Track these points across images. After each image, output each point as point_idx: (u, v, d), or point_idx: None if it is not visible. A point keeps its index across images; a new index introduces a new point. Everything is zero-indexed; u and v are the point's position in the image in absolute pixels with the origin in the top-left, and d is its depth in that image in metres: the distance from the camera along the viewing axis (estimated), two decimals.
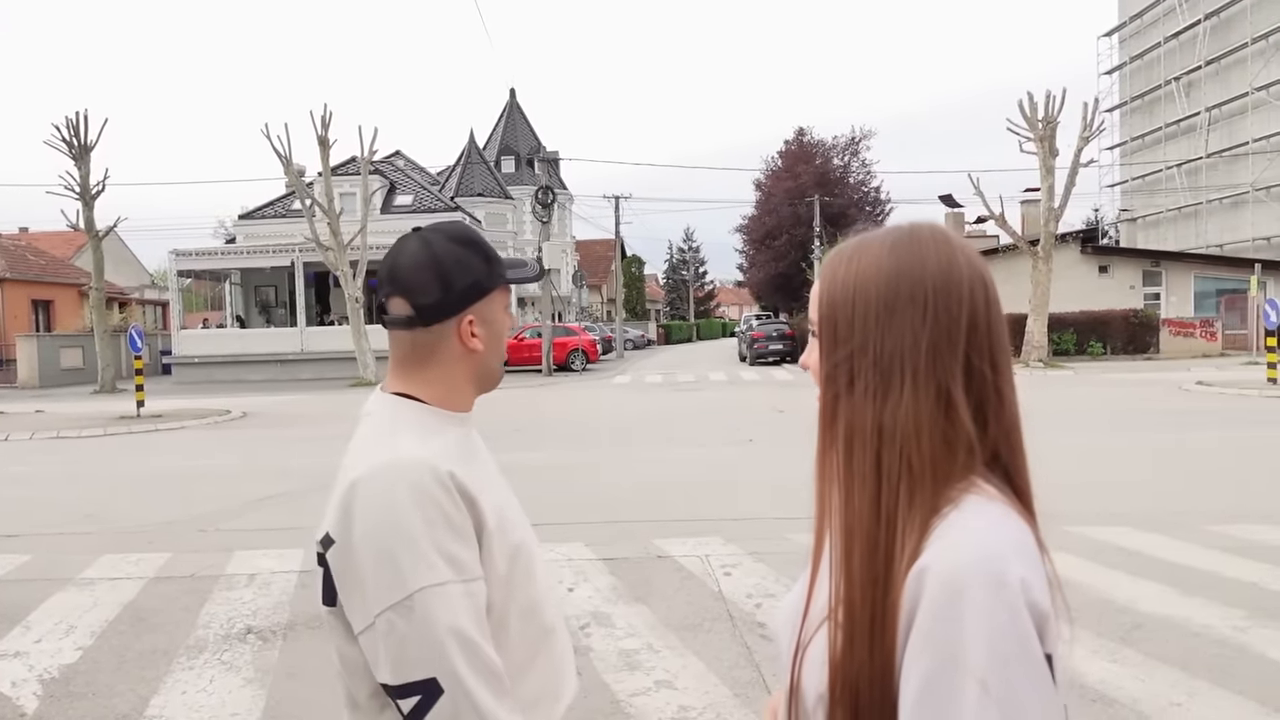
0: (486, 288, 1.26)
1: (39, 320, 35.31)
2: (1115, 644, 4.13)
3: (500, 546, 1.18)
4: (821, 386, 0.92)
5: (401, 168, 41.04)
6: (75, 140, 24.83)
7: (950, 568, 0.79)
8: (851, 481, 0.88)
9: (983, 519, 0.82)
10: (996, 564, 0.78)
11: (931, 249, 0.88)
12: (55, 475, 10.54)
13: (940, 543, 0.81)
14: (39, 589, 5.51)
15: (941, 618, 0.77)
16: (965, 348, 0.86)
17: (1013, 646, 0.76)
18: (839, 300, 0.90)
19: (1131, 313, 29.61)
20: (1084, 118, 26.34)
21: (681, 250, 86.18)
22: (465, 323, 1.24)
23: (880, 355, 0.86)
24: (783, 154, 48.52)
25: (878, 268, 0.88)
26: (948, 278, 0.87)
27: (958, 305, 0.86)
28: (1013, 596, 0.77)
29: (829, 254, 0.96)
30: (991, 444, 0.87)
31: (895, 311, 0.86)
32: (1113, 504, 7.25)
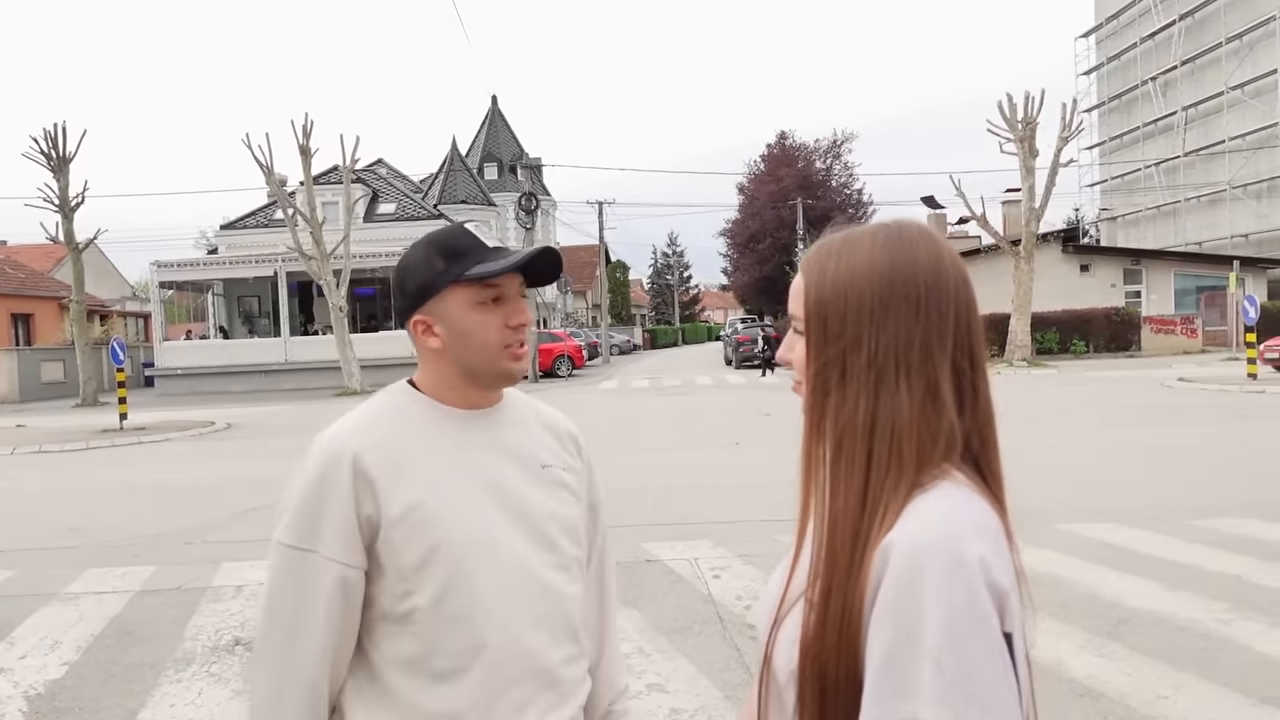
0: (434, 287, 1.28)
1: (18, 334, 34.95)
2: (1102, 639, 4.16)
3: (404, 539, 1.19)
4: (810, 382, 0.92)
5: (384, 176, 40.89)
6: (54, 152, 24.63)
7: (912, 545, 0.80)
8: (839, 474, 0.89)
9: (947, 501, 0.84)
10: (956, 542, 0.80)
11: (921, 247, 0.90)
12: (37, 489, 10.43)
13: (905, 522, 0.83)
14: (23, 605, 5.45)
15: (901, 594, 0.79)
16: (952, 344, 0.88)
17: (969, 624, 0.77)
18: (830, 297, 0.90)
19: (1113, 311, 29.89)
20: (1063, 118, 26.59)
21: (666, 255, 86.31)
22: (414, 324, 1.30)
23: (874, 352, 0.88)
24: (765, 157, 48.78)
25: (871, 265, 0.89)
26: (938, 276, 0.89)
27: (947, 303, 0.89)
28: (971, 574, 0.78)
29: (813, 249, 0.96)
30: (965, 436, 0.89)
31: (890, 309, 0.88)
32: (1098, 500, 7.31)
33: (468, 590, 1.20)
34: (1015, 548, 0.86)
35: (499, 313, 1.30)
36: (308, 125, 25.67)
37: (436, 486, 1.23)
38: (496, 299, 1.30)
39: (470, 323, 1.28)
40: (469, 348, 1.29)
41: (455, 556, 1.20)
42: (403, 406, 1.30)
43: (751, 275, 49.55)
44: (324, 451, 1.22)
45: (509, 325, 1.30)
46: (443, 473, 1.25)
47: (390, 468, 1.21)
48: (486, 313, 1.29)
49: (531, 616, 1.24)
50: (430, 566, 1.18)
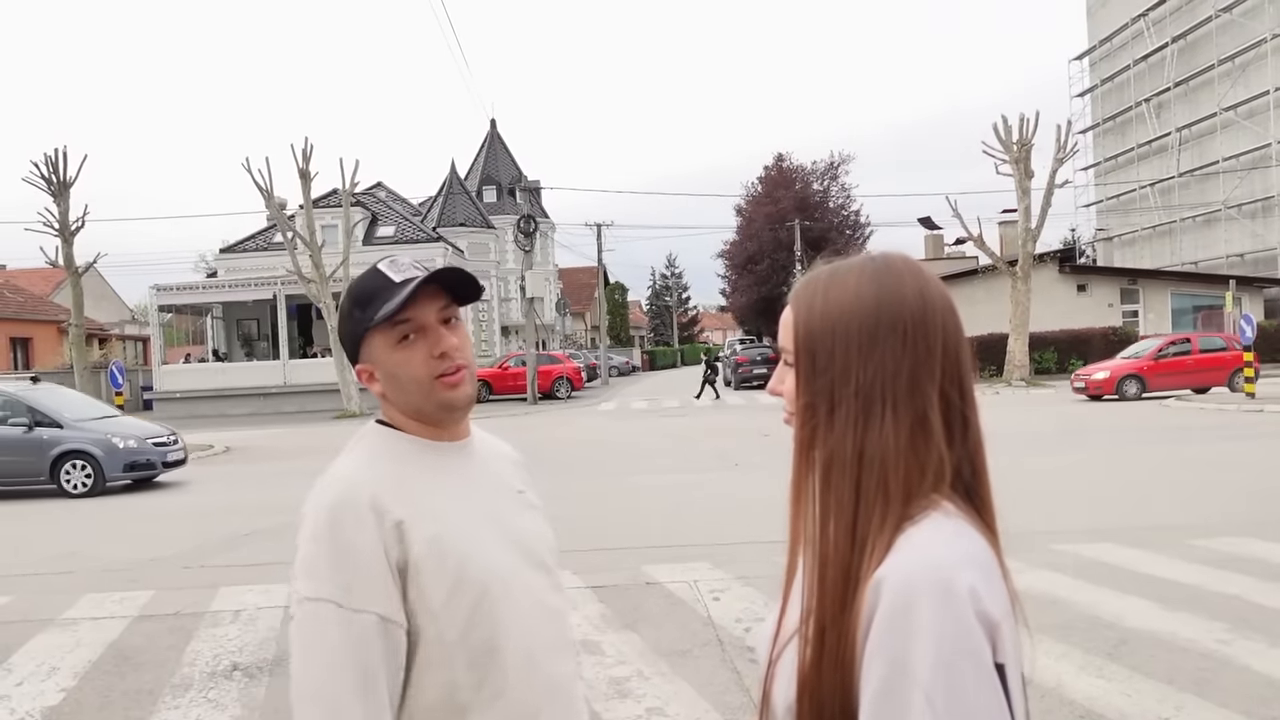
0: (358, 337, 1.28)
1: (17, 358, 34.95)
2: (1102, 659, 4.16)
3: (432, 575, 1.16)
4: (800, 414, 0.93)
5: (383, 199, 41.10)
6: (54, 177, 24.75)
7: (903, 578, 0.81)
8: (829, 506, 0.89)
9: (939, 533, 0.84)
10: (946, 573, 0.81)
11: (908, 279, 0.91)
12: (36, 514, 10.40)
13: (896, 555, 0.83)
14: (20, 630, 5.44)
15: (893, 627, 0.80)
16: (940, 375, 0.89)
17: (960, 657, 0.78)
18: (818, 330, 0.91)
19: (1110, 330, 29.95)
20: (1058, 139, 26.80)
21: (664, 276, 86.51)
22: (359, 374, 1.31)
23: (862, 384, 0.88)
24: (763, 179, 49.03)
25: (858, 298, 0.90)
26: (924, 308, 0.90)
27: (934, 334, 0.89)
28: (961, 606, 0.79)
29: (800, 282, 0.97)
30: (956, 465, 0.90)
31: (877, 341, 0.88)
32: (1096, 520, 7.31)
33: (491, 620, 1.19)
34: (1008, 577, 0.87)
35: (421, 346, 1.26)
36: (307, 149, 25.83)
37: (449, 519, 1.22)
38: (414, 333, 1.26)
39: (395, 364, 1.27)
40: (402, 388, 1.27)
41: (478, 588, 1.19)
42: (391, 444, 1.28)
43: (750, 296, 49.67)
44: (340, 499, 1.16)
45: (433, 355, 1.26)
46: (450, 505, 1.24)
47: (408, 504, 1.18)
48: (408, 349, 1.26)
49: (545, 641, 1.26)
50: (456, 598, 1.17)
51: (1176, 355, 20.41)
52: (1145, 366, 20.07)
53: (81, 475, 11.77)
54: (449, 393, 1.28)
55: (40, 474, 11.80)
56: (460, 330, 1.32)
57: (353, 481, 1.19)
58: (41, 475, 11.79)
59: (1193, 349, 20.67)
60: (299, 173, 25.83)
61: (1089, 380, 20.31)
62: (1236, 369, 19.16)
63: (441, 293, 1.28)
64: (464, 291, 1.31)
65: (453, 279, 1.29)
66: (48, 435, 11.87)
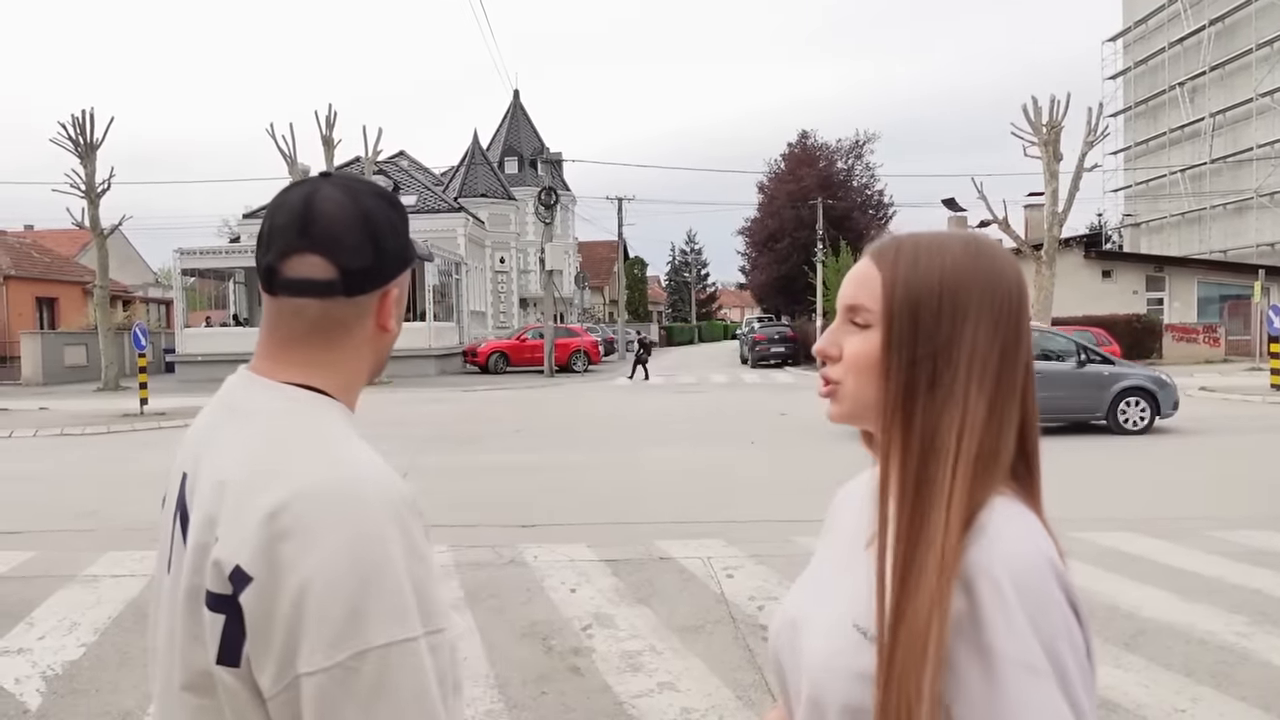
0: (408, 258, 1.04)
1: (43, 318, 35.39)
2: (1119, 650, 4.12)
3: (440, 573, 1.01)
4: (892, 379, 0.87)
5: (405, 168, 41.09)
6: (81, 139, 24.88)
7: (1004, 569, 0.79)
8: (926, 484, 0.84)
9: (1023, 525, 0.83)
10: (1047, 566, 0.80)
11: (1007, 261, 0.90)
12: (59, 472, 10.55)
13: (988, 547, 0.81)
14: (42, 586, 5.52)
15: (1000, 617, 0.77)
16: (1026, 356, 0.88)
17: (1065, 641, 0.78)
18: (924, 293, 0.86)
19: (1135, 318, 29.62)
20: (1088, 122, 26.33)
21: (684, 252, 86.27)
22: (388, 296, 1.01)
23: (972, 356, 0.85)
24: (786, 157, 48.53)
25: (970, 268, 0.87)
26: (1021, 291, 0.89)
27: (1025, 318, 0.89)
28: (1061, 595, 0.80)
29: (887, 241, 0.92)
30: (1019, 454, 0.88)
31: (984, 314, 0.86)
32: (1116, 509, 7.25)
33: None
34: (1063, 556, 0.85)
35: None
36: (331, 116, 25.82)
37: None
38: None
39: (399, 309, 1.13)
40: (383, 348, 1.10)
41: None
42: (350, 421, 1.00)
43: (769, 274, 49.35)
44: (391, 504, 0.87)
45: None
46: None
47: None
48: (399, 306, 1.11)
49: None
50: None
51: None
52: None
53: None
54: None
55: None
56: None
57: (390, 482, 0.90)
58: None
59: None
60: (322, 140, 25.85)
61: None
62: None
63: None
64: None
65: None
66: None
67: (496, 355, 29.22)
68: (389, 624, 0.82)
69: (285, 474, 0.87)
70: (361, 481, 0.88)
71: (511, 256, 46.74)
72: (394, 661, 0.82)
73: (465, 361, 29.86)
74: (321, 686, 0.81)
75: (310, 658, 0.81)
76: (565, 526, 6.75)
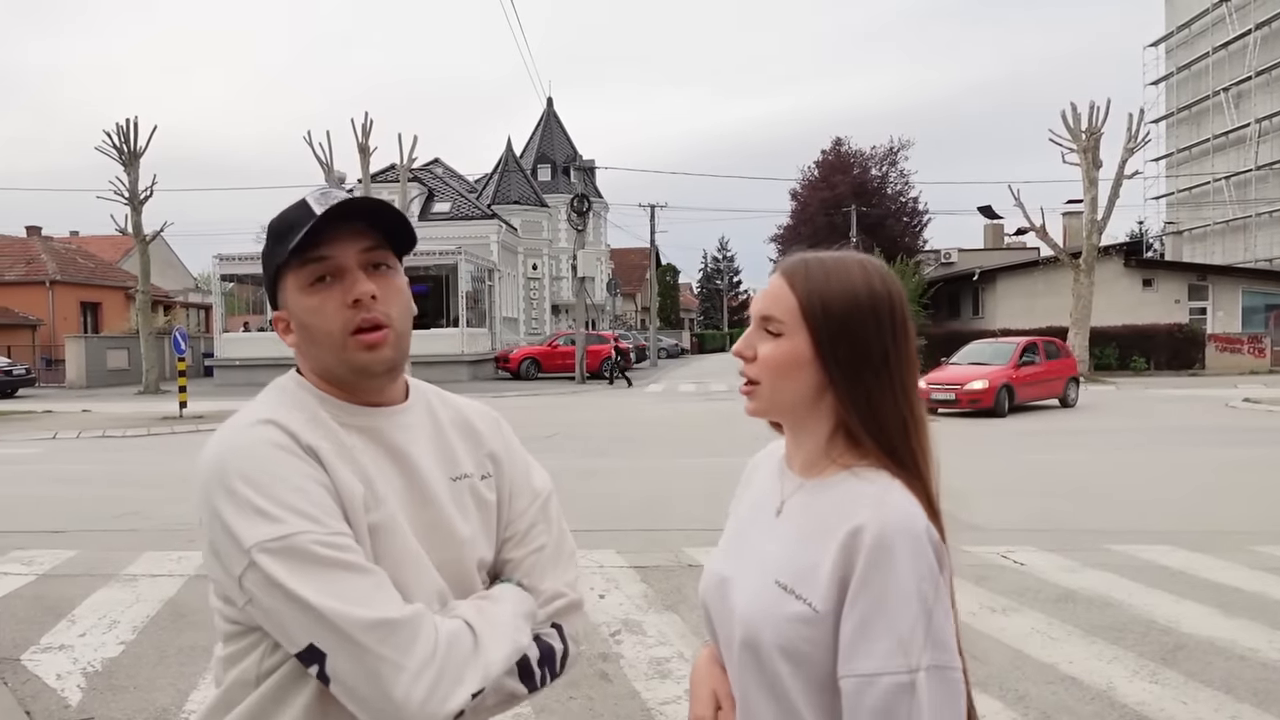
0: (273, 275, 1.12)
1: (87, 322, 36.19)
2: (1157, 665, 4.04)
3: (359, 523, 1.07)
4: (815, 374, 1.09)
5: (440, 175, 41.51)
6: (125, 147, 25.45)
7: (882, 528, 1.01)
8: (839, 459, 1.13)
9: (899, 493, 1.06)
10: (915, 523, 1.03)
11: (891, 279, 1.13)
12: (100, 473, 10.77)
13: (871, 509, 1.03)
14: (84, 584, 5.64)
15: (878, 564, 1.00)
16: (911, 357, 1.13)
17: (931, 584, 1.00)
18: (837, 308, 1.08)
19: (1176, 327, 29.04)
20: (1129, 129, 25.92)
21: (716, 259, 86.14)
22: (275, 324, 1.17)
23: (879, 356, 1.09)
24: (820, 164, 48.29)
25: (868, 286, 1.10)
26: (905, 304, 1.13)
27: (909, 326, 1.13)
28: (927, 546, 1.02)
29: (795, 263, 1.13)
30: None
31: (883, 324, 1.10)
32: (1155, 522, 7.11)
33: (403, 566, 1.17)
34: (943, 531, 1.07)
35: (336, 292, 1.07)
36: (367, 124, 26.19)
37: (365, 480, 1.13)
38: (328, 275, 1.08)
39: (305, 310, 1.09)
40: (313, 341, 1.10)
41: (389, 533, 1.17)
42: (298, 395, 1.14)
43: None
44: (255, 432, 1.09)
45: (346, 303, 1.07)
46: (361, 467, 1.13)
47: (326, 451, 1.11)
48: (320, 294, 1.08)
49: None
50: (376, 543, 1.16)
51: (1028, 363, 16.97)
52: (1012, 375, 16.28)
53: None
54: (363, 354, 1.09)
55: None
56: (388, 282, 1.11)
57: (261, 416, 1.09)
58: None
59: (1041, 356, 17.39)
60: (358, 147, 26.22)
61: (960, 392, 15.70)
62: (1071, 378, 17.62)
63: (368, 232, 1.09)
64: (395, 234, 1.12)
65: (382, 217, 1.09)
66: None
67: (528, 361, 29.38)
68: (257, 526, 1.02)
69: None
70: (233, 422, 1.13)
71: (544, 263, 46.98)
72: (274, 557, 1.01)
73: (497, 367, 30.05)
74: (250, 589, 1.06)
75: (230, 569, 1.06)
76: (594, 532, 6.77)
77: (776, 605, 1.07)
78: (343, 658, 0.99)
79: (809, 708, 1.06)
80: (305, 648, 1.00)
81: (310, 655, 1.00)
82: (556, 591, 1.23)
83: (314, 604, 0.98)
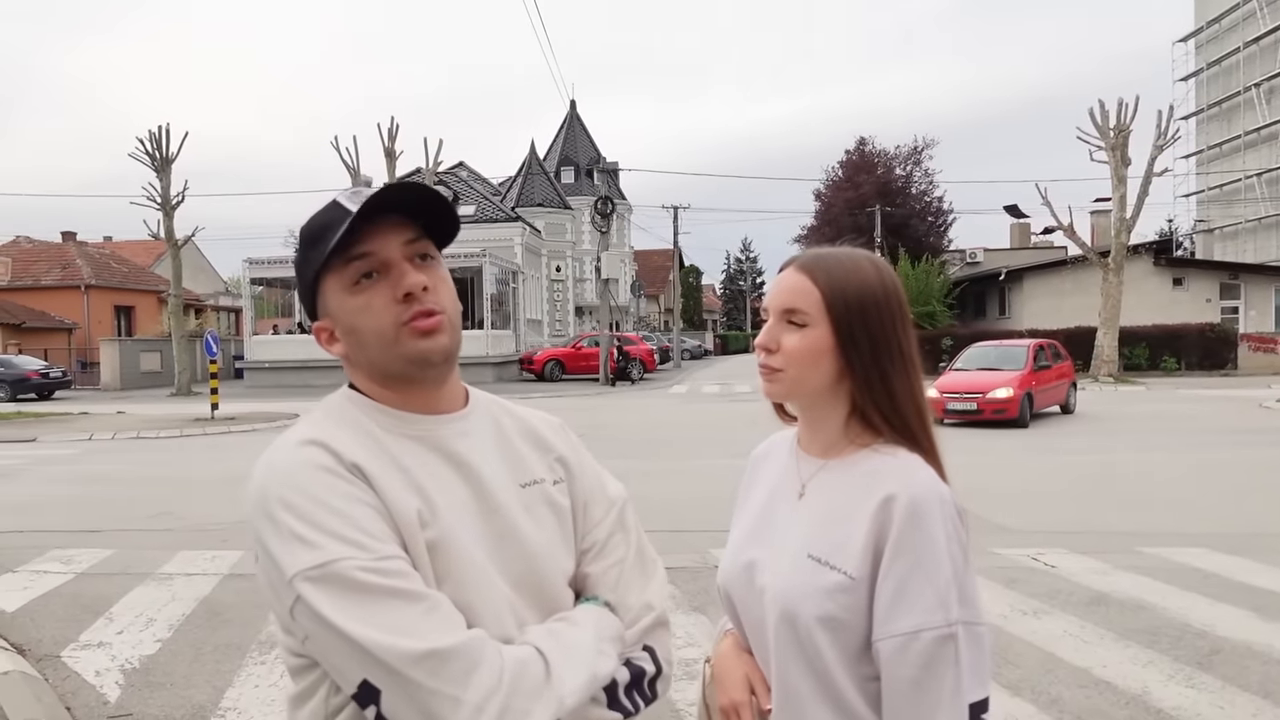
0: (312, 283, 1.08)
1: (121, 325, 36.78)
2: (1192, 669, 3.99)
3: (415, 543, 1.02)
4: (837, 364, 1.18)
5: (464, 178, 41.74)
6: (157, 153, 25.85)
7: (912, 495, 1.10)
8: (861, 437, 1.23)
9: (920, 466, 1.15)
10: (941, 490, 1.12)
11: (893, 274, 1.23)
12: (135, 474, 10.94)
13: (899, 479, 1.12)
14: (120, 582, 5.74)
15: (912, 528, 1.08)
16: (914, 345, 1.23)
17: (959, 547, 1.10)
18: (854, 301, 1.17)
19: (1208, 327, 28.59)
20: (1158, 125, 25.57)
21: (739, 260, 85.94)
22: (317, 335, 1.12)
23: (896, 345, 1.18)
24: (843, 164, 48.02)
25: (880, 281, 1.20)
26: (905, 297, 1.23)
27: (909, 317, 1.23)
28: (954, 512, 1.11)
29: (811, 258, 1.22)
30: None
31: (895, 316, 1.19)
32: (1188, 524, 7.01)
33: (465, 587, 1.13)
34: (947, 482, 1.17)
35: (383, 288, 1.04)
36: (393, 129, 26.41)
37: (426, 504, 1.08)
38: (373, 271, 1.05)
39: (352, 312, 1.05)
40: (363, 343, 1.06)
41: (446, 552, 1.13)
42: (349, 411, 1.11)
43: None
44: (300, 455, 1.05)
45: (396, 298, 1.04)
46: (421, 485, 1.09)
47: (378, 473, 1.06)
48: (366, 293, 1.04)
49: None
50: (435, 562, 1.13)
51: (1043, 368, 15.68)
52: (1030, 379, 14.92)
53: None
54: (420, 342, 1.05)
55: None
56: (434, 271, 1.07)
57: (306, 437, 1.04)
58: None
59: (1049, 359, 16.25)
60: (385, 151, 26.45)
61: (983, 401, 14.13)
62: (1070, 383, 16.53)
63: (408, 223, 1.06)
64: (437, 223, 1.08)
65: (422, 206, 1.06)
66: None
67: (552, 363, 29.48)
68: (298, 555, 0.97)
69: None
70: (276, 445, 1.08)
71: (568, 265, 47.11)
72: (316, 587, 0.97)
73: (521, 369, 30.18)
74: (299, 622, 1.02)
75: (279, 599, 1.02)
76: None
77: (812, 578, 1.13)
78: (395, 696, 0.93)
79: (847, 677, 1.12)
80: (359, 685, 0.94)
81: (365, 694, 0.94)
82: (644, 607, 1.18)
83: (357, 638, 0.93)
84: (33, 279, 35.45)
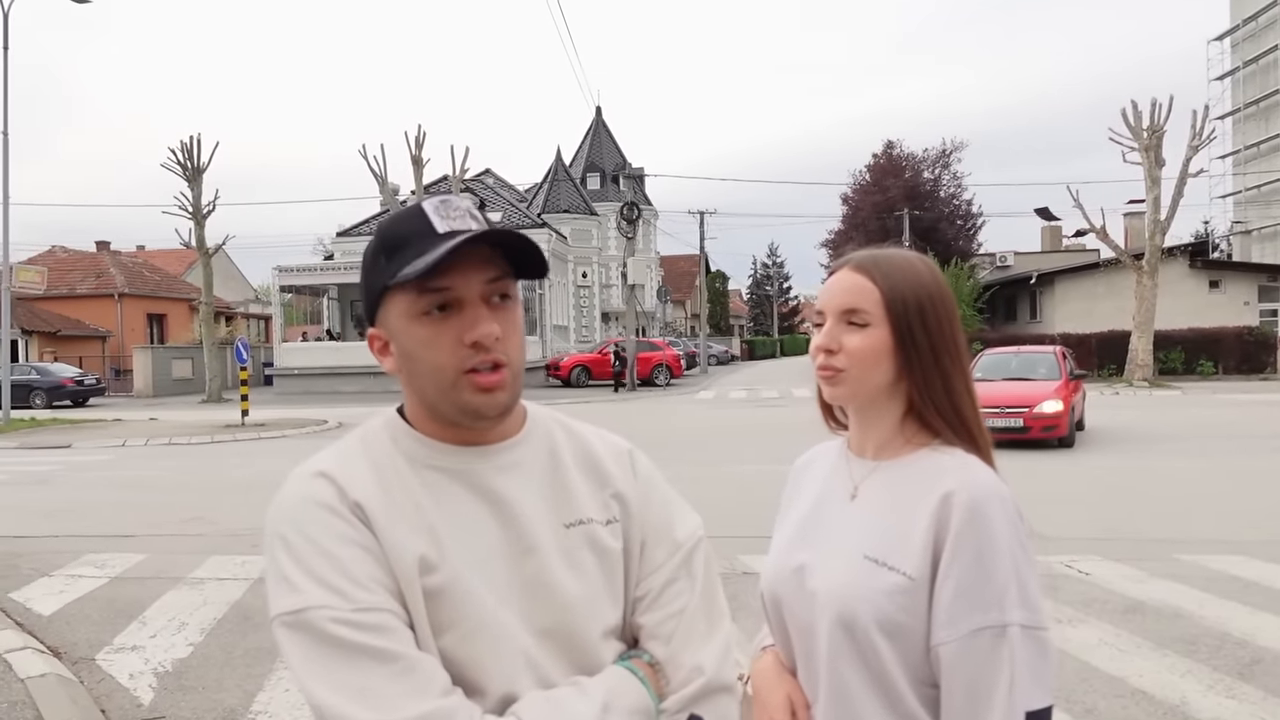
0: (377, 292, 0.99)
1: (153, 333, 37.39)
2: (1232, 679, 3.90)
3: (413, 593, 0.95)
4: (896, 363, 1.16)
5: (491, 185, 42.02)
6: (189, 163, 26.27)
7: (972, 493, 1.09)
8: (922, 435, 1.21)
9: (978, 464, 1.14)
10: (1002, 489, 1.11)
11: (941, 274, 1.22)
12: (167, 479, 11.10)
13: (958, 477, 1.11)
14: (153, 587, 5.82)
15: (973, 525, 1.07)
16: (965, 344, 1.23)
17: (1020, 546, 1.08)
18: (912, 302, 1.16)
19: (1245, 330, 28.05)
20: (1193, 126, 25.14)
21: (765, 265, 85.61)
22: (371, 341, 1.04)
23: (952, 344, 1.18)
24: (871, 168, 47.75)
25: (937, 281, 1.20)
26: (953, 296, 1.24)
27: (958, 316, 1.23)
28: (1015, 510, 1.10)
29: (867, 258, 1.20)
30: None
31: (950, 315, 1.19)
32: (1227, 531, 6.86)
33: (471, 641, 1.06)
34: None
35: (453, 325, 0.95)
36: (420, 136, 26.64)
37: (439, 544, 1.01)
38: (447, 305, 0.96)
39: (415, 341, 0.97)
40: (418, 374, 0.99)
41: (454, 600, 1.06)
42: (381, 440, 1.04)
43: None
44: (300, 491, 1.03)
45: (464, 342, 0.95)
46: (447, 535, 1.02)
47: (385, 512, 1.00)
48: (435, 325, 0.96)
49: None
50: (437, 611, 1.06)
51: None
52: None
53: None
54: (476, 397, 0.97)
55: None
56: (509, 316, 0.99)
57: (311, 470, 1.01)
58: None
59: None
60: (412, 159, 26.69)
61: (1030, 416, 11.85)
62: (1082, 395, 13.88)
63: (494, 261, 0.97)
64: (524, 263, 1.00)
65: (513, 245, 0.97)
66: None
67: (579, 369, 29.54)
68: (281, 597, 0.95)
69: None
70: (290, 478, 1.04)
71: (594, 271, 47.23)
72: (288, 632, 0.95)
73: (548, 375, 30.27)
74: None
75: None
76: None
77: (870, 579, 1.11)
78: None
79: (907, 681, 1.09)
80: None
81: None
82: (694, 669, 1.02)
83: (317, 701, 0.88)
84: (68, 288, 36.13)
